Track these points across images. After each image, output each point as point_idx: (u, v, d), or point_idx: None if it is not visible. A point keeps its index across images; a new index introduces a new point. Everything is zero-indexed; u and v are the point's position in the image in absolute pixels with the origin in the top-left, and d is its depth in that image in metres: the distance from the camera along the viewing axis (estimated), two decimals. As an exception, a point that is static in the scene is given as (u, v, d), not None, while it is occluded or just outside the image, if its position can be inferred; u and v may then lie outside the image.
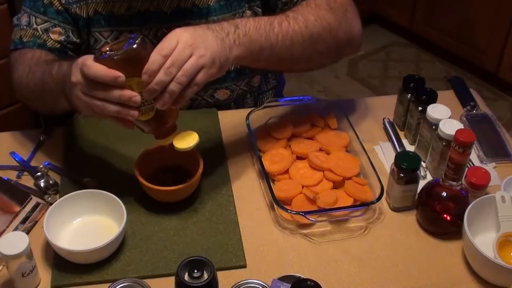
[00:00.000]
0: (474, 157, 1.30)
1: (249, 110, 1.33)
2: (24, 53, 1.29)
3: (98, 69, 0.98)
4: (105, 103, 1.00)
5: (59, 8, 1.28)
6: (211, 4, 1.31)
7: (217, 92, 1.41)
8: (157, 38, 1.30)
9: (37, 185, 1.21)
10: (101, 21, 1.29)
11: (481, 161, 1.29)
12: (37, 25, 1.29)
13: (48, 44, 1.29)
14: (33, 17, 1.29)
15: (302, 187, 1.19)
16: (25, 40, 1.29)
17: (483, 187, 1.15)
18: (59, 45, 1.30)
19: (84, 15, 1.28)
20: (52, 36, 1.29)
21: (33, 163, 1.26)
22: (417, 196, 1.17)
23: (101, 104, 1.00)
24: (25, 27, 1.29)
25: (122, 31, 1.30)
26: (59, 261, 1.06)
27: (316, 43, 1.19)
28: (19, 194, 1.17)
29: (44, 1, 1.27)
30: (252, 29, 1.10)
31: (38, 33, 1.29)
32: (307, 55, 1.20)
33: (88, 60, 1.00)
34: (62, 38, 1.30)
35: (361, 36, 1.28)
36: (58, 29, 1.29)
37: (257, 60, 1.14)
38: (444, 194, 1.12)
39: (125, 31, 1.30)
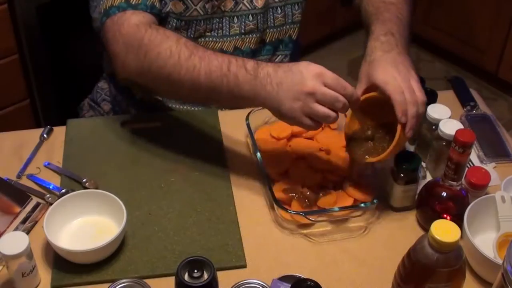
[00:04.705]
0: (474, 157, 1.30)
1: (249, 110, 1.33)
2: (159, 29, 1.14)
3: (343, 81, 1.04)
4: (331, 112, 1.04)
5: None
6: None
7: None
8: None
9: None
10: None
11: (481, 161, 1.29)
12: None
13: (157, 6, 1.20)
14: None
15: (302, 187, 1.19)
16: (133, 2, 1.16)
17: (483, 187, 1.15)
18: (161, 9, 1.22)
19: None
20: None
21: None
22: (417, 196, 1.17)
23: (329, 113, 1.04)
24: None
25: None
26: (59, 261, 1.06)
27: None
28: (19, 195, 1.17)
29: None
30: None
31: None
32: None
33: (327, 71, 1.04)
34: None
35: None
36: None
37: None
38: (444, 194, 1.12)
39: None
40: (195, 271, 0.93)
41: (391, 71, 1.09)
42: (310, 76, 1.03)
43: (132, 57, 1.14)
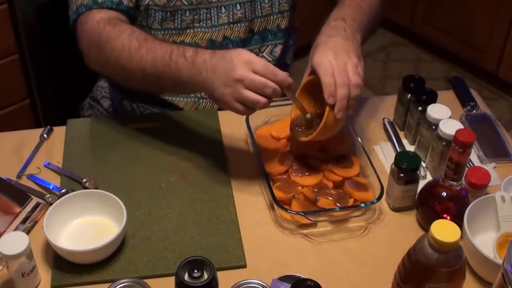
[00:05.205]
0: (474, 157, 1.30)
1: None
2: (115, 25, 1.20)
3: (272, 68, 1.07)
4: (261, 98, 1.07)
5: None
6: None
7: None
8: None
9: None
10: None
11: (481, 161, 1.29)
12: None
13: (124, 3, 1.25)
14: None
15: (302, 187, 1.19)
16: (99, 1, 1.23)
17: (483, 187, 1.15)
18: (132, 4, 1.27)
19: None
20: None
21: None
22: (417, 196, 1.17)
23: (258, 99, 1.07)
24: None
25: None
26: (59, 261, 1.06)
27: None
28: (19, 195, 1.17)
29: None
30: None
31: None
32: None
33: (256, 58, 1.07)
34: None
35: None
36: None
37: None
38: (444, 194, 1.12)
39: None
40: (195, 271, 0.93)
41: (328, 54, 1.13)
42: (239, 63, 1.07)
43: (94, 52, 1.24)
